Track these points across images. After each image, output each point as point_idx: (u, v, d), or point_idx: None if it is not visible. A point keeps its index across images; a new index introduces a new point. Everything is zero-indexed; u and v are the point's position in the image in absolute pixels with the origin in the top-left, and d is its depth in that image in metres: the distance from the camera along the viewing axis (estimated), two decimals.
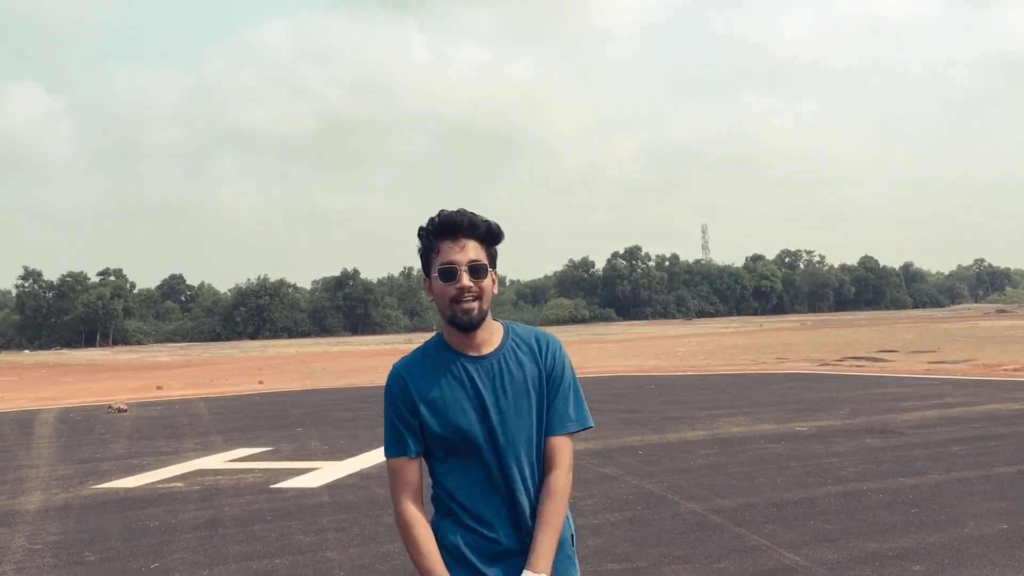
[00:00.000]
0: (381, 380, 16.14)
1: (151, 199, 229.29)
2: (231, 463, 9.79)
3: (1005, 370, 18.04)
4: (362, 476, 8.64)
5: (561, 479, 2.21)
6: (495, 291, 2.21)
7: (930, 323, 54.45)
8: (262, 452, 10.53)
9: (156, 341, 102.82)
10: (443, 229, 2.17)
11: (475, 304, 2.15)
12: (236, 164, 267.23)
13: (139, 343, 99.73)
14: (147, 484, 8.63)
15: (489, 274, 2.18)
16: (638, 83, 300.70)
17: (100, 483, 8.83)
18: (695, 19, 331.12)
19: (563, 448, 2.24)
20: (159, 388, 24.09)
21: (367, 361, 35.98)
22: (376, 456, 9.79)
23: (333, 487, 8.09)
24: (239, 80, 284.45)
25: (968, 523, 5.90)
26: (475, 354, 2.21)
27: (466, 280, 2.13)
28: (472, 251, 2.16)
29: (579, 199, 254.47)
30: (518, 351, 2.22)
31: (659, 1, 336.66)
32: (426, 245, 2.21)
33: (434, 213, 2.21)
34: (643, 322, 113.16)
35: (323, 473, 8.82)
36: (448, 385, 2.18)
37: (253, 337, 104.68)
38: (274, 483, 8.40)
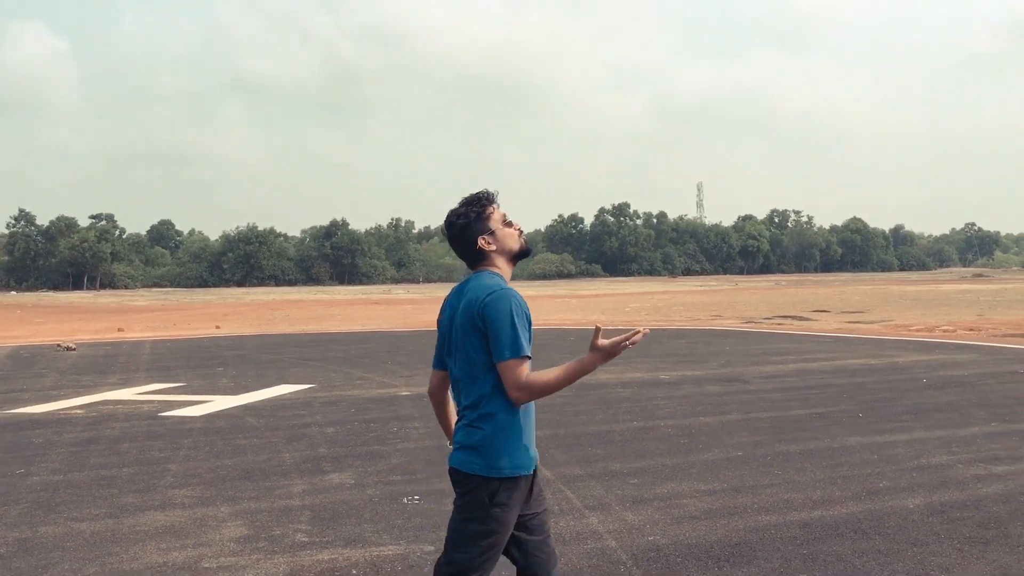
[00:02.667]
0: (336, 328, 17.74)
1: (153, 144, 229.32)
2: (138, 395, 10.85)
3: (909, 331, 19.11)
4: (246, 408, 9.69)
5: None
6: None
7: (893, 285, 55.58)
8: (172, 387, 11.59)
9: (143, 286, 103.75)
10: (491, 199, 2.96)
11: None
12: (240, 112, 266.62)
13: (126, 287, 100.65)
14: (51, 411, 9.69)
15: None
16: (651, 38, 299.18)
17: (12, 408, 9.89)
18: None
19: None
20: (120, 330, 25.12)
21: (332, 310, 37.01)
22: (269, 392, 10.86)
23: (212, 416, 9.14)
24: (247, 26, 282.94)
25: (712, 450, 6.96)
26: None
27: (518, 224, 3.00)
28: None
29: (582, 154, 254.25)
30: None
31: None
32: (480, 212, 2.92)
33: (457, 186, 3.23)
34: (627, 279, 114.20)
35: (212, 405, 9.87)
36: None
37: (240, 284, 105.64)
38: (163, 412, 9.46)
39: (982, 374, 11.34)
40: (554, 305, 35.52)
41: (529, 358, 2.78)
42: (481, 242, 2.91)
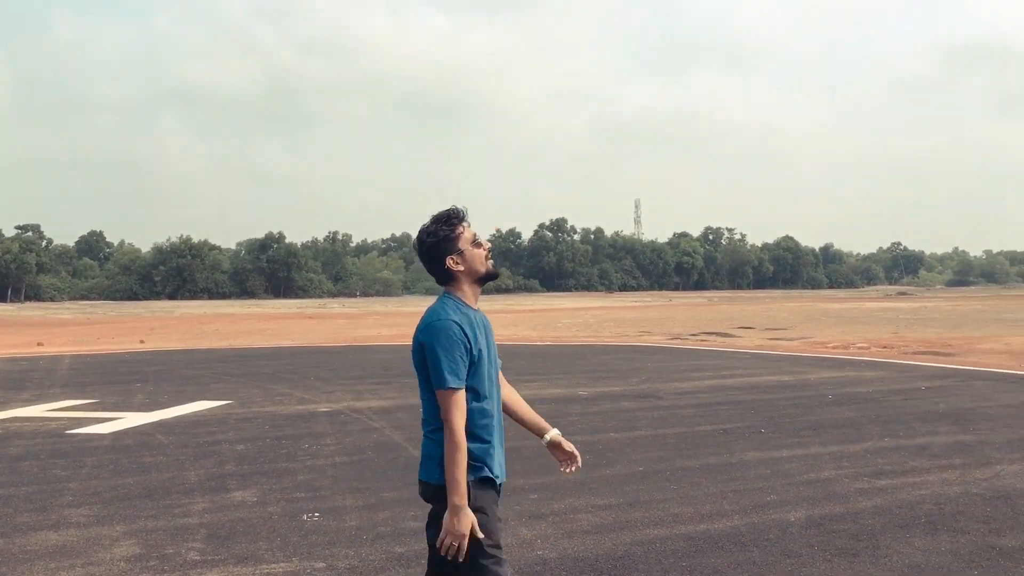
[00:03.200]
0: (265, 343, 17.46)
1: (87, 153, 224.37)
2: (48, 412, 10.66)
3: (825, 347, 19.67)
4: (157, 425, 9.60)
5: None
6: None
7: (819, 303, 56.97)
8: (85, 404, 11.40)
9: (71, 299, 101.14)
10: (460, 217, 2.96)
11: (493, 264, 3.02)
12: (178, 121, 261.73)
13: (52, 300, 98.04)
14: None
15: None
16: (595, 57, 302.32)
17: None
18: None
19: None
20: (40, 344, 24.53)
21: (264, 324, 36.60)
22: (185, 409, 10.77)
23: (121, 434, 9.04)
24: (187, 35, 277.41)
25: (615, 466, 7.13)
26: (475, 308, 2.99)
27: (487, 243, 2.99)
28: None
29: (523, 170, 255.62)
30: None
31: None
32: (449, 232, 2.92)
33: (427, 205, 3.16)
34: (564, 294, 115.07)
35: (123, 422, 9.76)
36: (483, 331, 2.95)
37: (172, 298, 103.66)
38: (71, 429, 9.32)
39: (886, 391, 11.75)
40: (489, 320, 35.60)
41: (454, 389, 2.82)
42: (449, 262, 2.93)
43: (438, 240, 2.93)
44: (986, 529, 5.26)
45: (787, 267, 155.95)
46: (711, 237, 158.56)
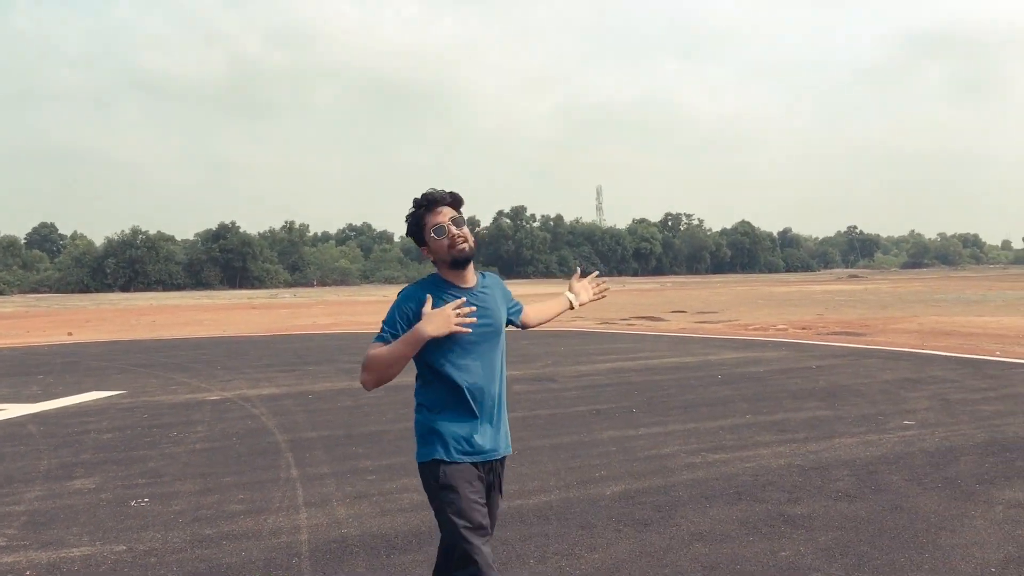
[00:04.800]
0: (202, 333, 17.34)
1: (42, 144, 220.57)
2: None
3: (746, 329, 19.97)
4: (34, 416, 9.55)
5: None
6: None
7: (767, 287, 57.68)
8: None
9: (21, 292, 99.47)
10: (426, 204, 2.96)
11: (466, 245, 2.94)
12: (138, 111, 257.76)
13: (1, 293, 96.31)
14: None
15: (466, 224, 3.00)
16: (561, 44, 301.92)
17: None
18: None
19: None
20: None
21: (205, 315, 36.29)
22: (72, 400, 10.73)
23: None
24: (149, 24, 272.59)
25: None
26: (464, 286, 3.03)
27: (454, 229, 2.93)
28: (449, 212, 2.96)
29: (487, 157, 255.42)
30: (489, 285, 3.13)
31: None
32: (415, 222, 2.97)
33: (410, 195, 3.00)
34: (523, 281, 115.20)
35: (1, 414, 9.69)
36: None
37: (125, 290, 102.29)
38: None
39: (776, 370, 12.00)
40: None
41: (381, 339, 2.93)
42: (424, 252, 3.04)
43: (409, 230, 3.05)
44: (786, 499, 5.45)
45: (745, 252, 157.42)
46: (670, 223, 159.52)
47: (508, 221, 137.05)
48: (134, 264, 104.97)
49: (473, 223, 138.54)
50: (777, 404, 9.14)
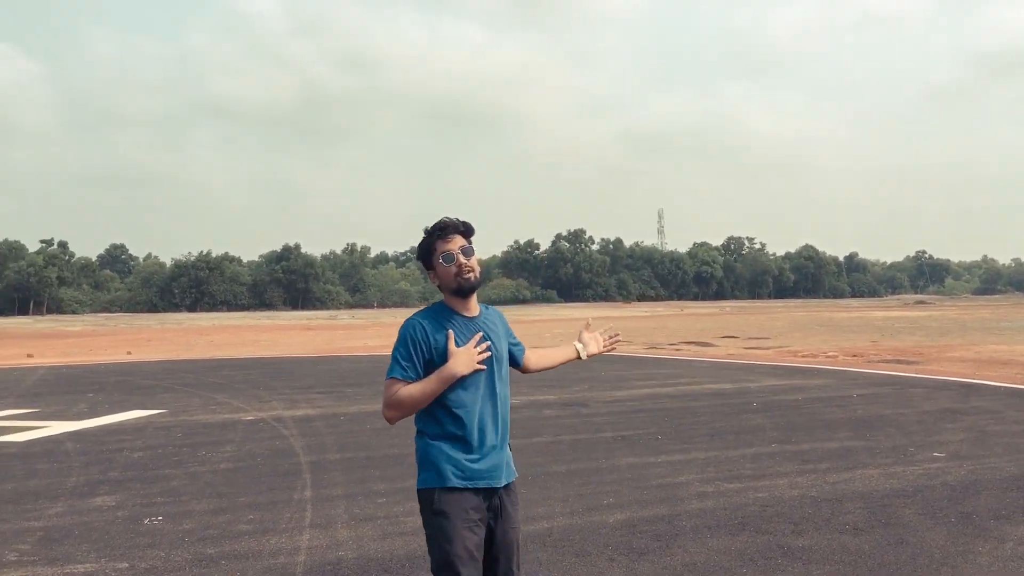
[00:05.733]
0: (259, 353, 17.71)
1: (118, 168, 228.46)
2: None
3: (795, 356, 19.64)
4: (75, 434, 9.84)
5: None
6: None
7: (828, 312, 56.61)
8: (22, 413, 11.68)
9: (92, 311, 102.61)
10: (437, 232, 3.07)
11: (472, 274, 3.03)
12: (210, 136, 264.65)
13: (74, 313, 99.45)
14: None
15: (474, 255, 3.10)
16: (624, 69, 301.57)
17: None
18: (688, 7, 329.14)
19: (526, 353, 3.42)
20: (29, 356, 25.00)
21: (263, 335, 36.99)
22: (115, 418, 11.03)
23: (34, 442, 9.28)
24: (222, 49, 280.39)
25: None
26: (468, 315, 3.11)
27: (462, 259, 3.03)
28: (459, 241, 3.06)
29: (548, 181, 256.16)
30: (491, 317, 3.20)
31: None
32: (427, 248, 3.07)
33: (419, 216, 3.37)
34: (581, 304, 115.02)
35: (44, 431, 10.01)
36: (467, 337, 3.04)
37: (191, 309, 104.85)
38: None
39: (815, 399, 11.78)
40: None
41: (397, 379, 2.97)
42: (430, 276, 3.13)
43: (420, 254, 3.14)
44: (790, 530, 5.35)
45: (809, 277, 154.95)
46: (732, 247, 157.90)
47: (567, 244, 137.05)
48: (200, 285, 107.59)
49: (532, 246, 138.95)
50: (807, 434, 8.98)
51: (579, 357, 3.55)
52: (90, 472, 7.62)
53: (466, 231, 3.12)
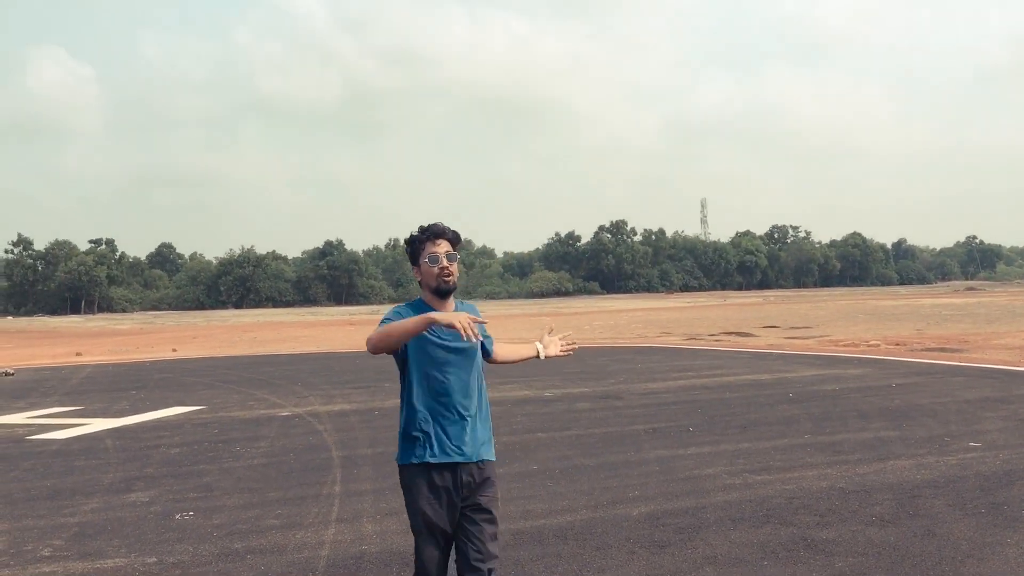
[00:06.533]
0: (301, 349, 18.08)
1: (167, 168, 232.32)
2: (27, 419, 11.22)
3: (836, 345, 19.38)
4: (115, 431, 10.05)
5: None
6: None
7: (873, 300, 55.73)
8: (67, 411, 11.95)
9: (142, 309, 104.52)
10: (429, 234, 3.33)
11: (452, 279, 3.29)
12: (257, 133, 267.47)
13: (123, 311, 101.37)
14: None
15: (457, 261, 3.37)
16: (670, 57, 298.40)
17: None
18: None
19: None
20: (78, 355, 25.54)
21: (305, 331, 37.40)
22: (155, 415, 11.25)
23: (74, 439, 9.49)
24: (268, 48, 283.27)
25: (513, 464, 7.27)
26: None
27: (445, 262, 3.28)
28: (446, 247, 3.31)
29: (592, 171, 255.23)
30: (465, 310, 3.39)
31: None
32: (416, 246, 3.32)
33: (423, 221, 3.46)
34: (625, 295, 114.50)
35: (86, 428, 10.23)
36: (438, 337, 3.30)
37: (237, 307, 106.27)
38: (32, 435, 9.83)
39: (854, 388, 11.62)
40: (521, 324, 35.80)
41: (387, 321, 3.21)
42: (413, 272, 3.38)
43: (408, 252, 3.39)
44: (815, 522, 5.29)
45: (855, 264, 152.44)
46: (776, 235, 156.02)
47: (609, 236, 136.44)
48: (245, 282, 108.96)
49: (573, 238, 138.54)
50: (842, 424, 8.86)
51: (538, 356, 3.76)
52: (127, 469, 7.77)
53: (454, 239, 3.36)
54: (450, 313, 3.12)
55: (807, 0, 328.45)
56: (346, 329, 38.68)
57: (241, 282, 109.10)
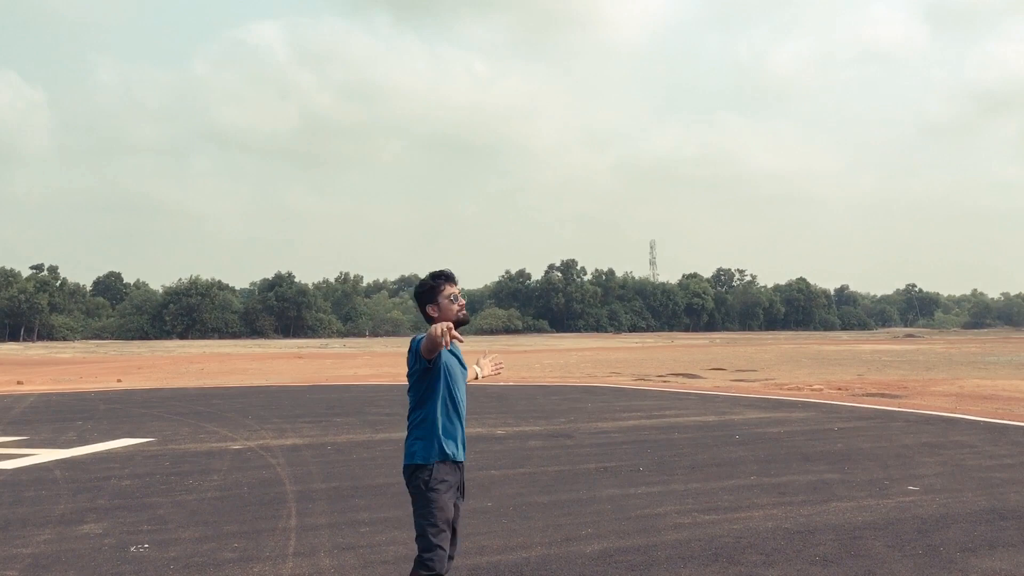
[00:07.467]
0: (247, 382, 17.96)
1: (118, 195, 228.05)
2: None
3: (781, 389, 19.80)
4: (64, 462, 9.93)
5: None
6: None
7: (816, 344, 56.85)
8: (13, 441, 11.76)
9: (84, 338, 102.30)
10: (444, 278, 4.08)
11: (465, 313, 4.13)
12: (211, 163, 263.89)
13: (64, 339, 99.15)
14: None
15: None
16: (627, 101, 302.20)
17: None
18: (692, 41, 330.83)
19: None
20: (19, 383, 24.99)
21: (251, 364, 37.00)
22: (104, 446, 11.12)
23: (22, 470, 9.36)
24: (226, 78, 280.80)
25: (468, 502, 7.35)
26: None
27: (462, 300, 4.10)
28: (456, 287, 4.10)
29: (544, 211, 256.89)
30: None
31: (662, 21, 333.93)
32: (433, 288, 4.05)
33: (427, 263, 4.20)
34: (574, 335, 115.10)
35: (32, 459, 10.09)
36: (450, 356, 4.13)
37: (182, 337, 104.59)
38: None
39: (797, 431, 11.94)
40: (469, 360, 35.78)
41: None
42: (430, 310, 4.08)
43: (424, 291, 4.08)
44: (761, 561, 5.49)
45: (799, 309, 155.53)
46: (722, 278, 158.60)
47: (559, 275, 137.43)
48: (191, 312, 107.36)
49: (524, 276, 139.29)
50: (786, 466, 9.13)
51: (476, 377, 4.50)
52: (78, 500, 7.71)
53: (456, 280, 4.16)
54: (440, 324, 3.75)
55: (759, 50, 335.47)
56: (294, 362, 38.35)
57: (187, 312, 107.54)
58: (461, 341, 3.94)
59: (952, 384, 20.41)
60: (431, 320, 4.04)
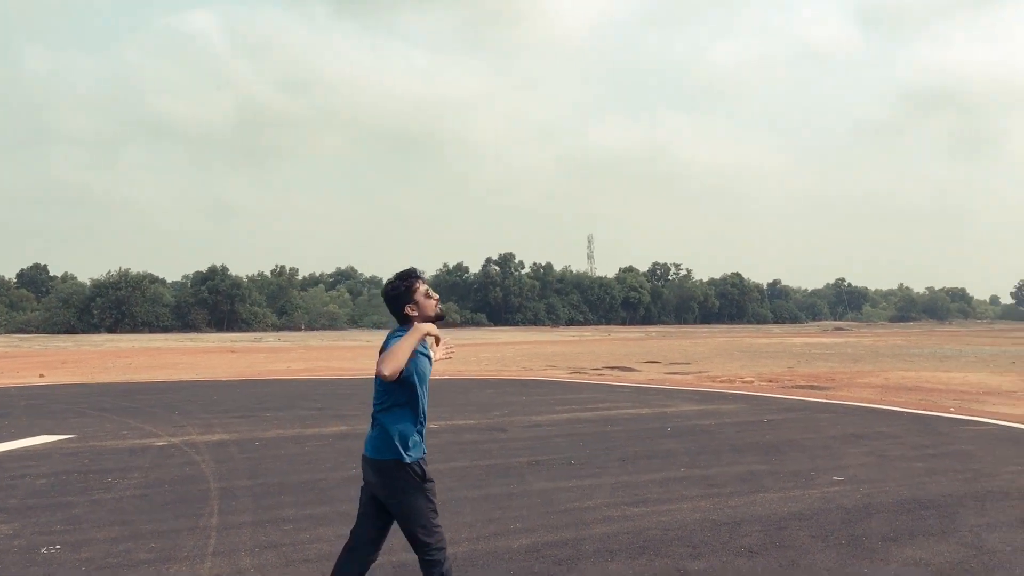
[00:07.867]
0: (176, 376, 17.34)
1: (45, 186, 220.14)
2: None
3: (713, 381, 20.04)
4: None
5: None
6: None
7: (749, 338, 57.84)
8: None
9: (7, 332, 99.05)
10: (417, 277, 4.03)
11: (442, 308, 4.10)
12: (144, 153, 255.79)
13: None
14: None
15: None
16: (567, 96, 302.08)
17: None
18: (632, 37, 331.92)
19: None
20: None
21: (183, 358, 36.20)
22: (19, 443, 10.73)
23: None
24: (159, 67, 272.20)
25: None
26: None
27: (436, 295, 4.09)
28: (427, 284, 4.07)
29: (484, 205, 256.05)
30: None
31: (606, 17, 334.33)
32: (409, 286, 3.98)
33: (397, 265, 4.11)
34: (512, 328, 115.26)
35: None
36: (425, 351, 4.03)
37: (111, 331, 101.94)
38: None
39: (728, 423, 12.06)
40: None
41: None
42: (407, 309, 3.99)
43: (399, 293, 3.99)
44: (688, 553, 5.50)
45: (733, 303, 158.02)
46: (658, 272, 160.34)
47: (496, 268, 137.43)
48: (120, 305, 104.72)
49: (462, 269, 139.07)
50: (716, 458, 9.20)
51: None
52: None
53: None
54: (425, 325, 3.89)
55: (699, 47, 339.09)
56: (227, 356, 37.63)
57: (116, 305, 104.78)
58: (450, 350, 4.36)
59: (878, 376, 20.89)
60: (408, 319, 3.98)
